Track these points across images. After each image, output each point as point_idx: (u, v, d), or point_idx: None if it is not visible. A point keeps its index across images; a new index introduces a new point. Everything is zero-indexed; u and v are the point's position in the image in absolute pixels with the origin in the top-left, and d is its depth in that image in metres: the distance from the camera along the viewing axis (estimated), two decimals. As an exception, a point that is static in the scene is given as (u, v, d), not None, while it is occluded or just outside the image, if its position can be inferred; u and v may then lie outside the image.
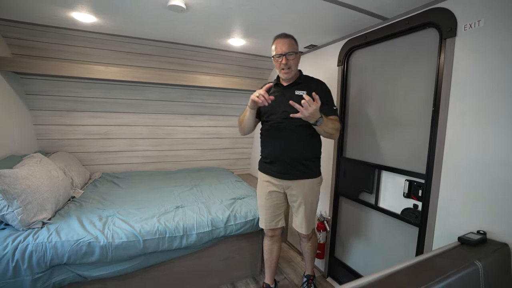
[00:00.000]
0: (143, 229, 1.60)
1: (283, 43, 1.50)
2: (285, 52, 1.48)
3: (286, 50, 1.49)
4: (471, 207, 1.21)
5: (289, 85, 1.60)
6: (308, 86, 1.57)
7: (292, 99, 1.47)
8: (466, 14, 1.22)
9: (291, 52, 1.49)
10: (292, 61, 1.51)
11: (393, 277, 0.84)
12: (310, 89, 1.54)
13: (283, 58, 1.49)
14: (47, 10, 1.67)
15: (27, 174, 1.57)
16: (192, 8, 1.56)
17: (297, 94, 1.55)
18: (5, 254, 1.30)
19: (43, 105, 2.41)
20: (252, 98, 1.45)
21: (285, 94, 1.56)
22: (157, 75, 2.45)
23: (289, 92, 1.57)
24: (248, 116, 1.58)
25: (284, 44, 1.49)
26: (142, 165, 2.96)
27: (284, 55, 1.49)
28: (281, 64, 1.51)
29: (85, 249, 1.44)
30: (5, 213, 1.40)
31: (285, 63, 1.50)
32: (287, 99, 1.51)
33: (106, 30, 2.06)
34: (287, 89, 1.59)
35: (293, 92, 1.56)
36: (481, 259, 0.95)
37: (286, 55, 1.49)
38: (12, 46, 2.08)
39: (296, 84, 1.59)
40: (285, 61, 1.49)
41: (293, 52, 1.50)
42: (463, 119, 1.23)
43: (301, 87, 1.58)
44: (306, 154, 1.59)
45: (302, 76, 1.63)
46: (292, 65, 1.51)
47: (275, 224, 1.74)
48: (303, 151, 1.58)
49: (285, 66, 1.51)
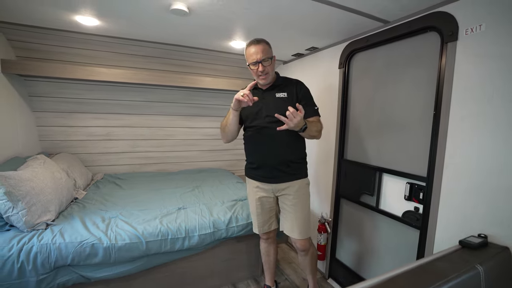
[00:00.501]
0: (146, 231, 1.61)
1: (257, 50, 1.45)
2: (260, 59, 1.44)
3: (262, 56, 1.44)
4: (472, 210, 1.21)
5: (268, 88, 1.57)
6: (288, 88, 1.56)
7: (273, 102, 1.48)
8: (467, 19, 1.22)
9: (266, 58, 1.45)
10: (269, 67, 1.48)
11: (394, 281, 0.85)
12: (290, 90, 1.55)
13: (259, 65, 1.45)
14: (51, 13, 1.69)
15: (31, 176, 1.58)
16: (195, 12, 1.57)
17: (277, 96, 1.54)
18: (11, 255, 1.31)
19: (46, 106, 2.43)
20: (237, 97, 1.39)
21: (266, 98, 1.54)
22: (159, 77, 2.46)
23: (269, 95, 1.55)
24: (232, 120, 1.52)
25: (258, 51, 1.44)
26: (143, 166, 2.98)
27: (260, 62, 1.45)
28: (257, 71, 1.47)
29: (89, 251, 1.46)
30: (10, 214, 1.41)
31: (262, 70, 1.46)
32: (268, 102, 1.52)
33: (108, 33, 2.08)
34: (267, 92, 1.57)
35: (274, 95, 1.55)
36: (482, 263, 0.95)
37: (261, 62, 1.45)
38: (16, 49, 2.10)
39: (275, 86, 1.57)
40: (261, 68, 1.46)
41: (268, 58, 1.46)
42: (464, 123, 1.24)
43: (280, 89, 1.56)
44: (292, 157, 1.58)
45: (280, 78, 1.60)
46: (269, 70, 1.49)
47: (268, 228, 1.73)
48: (289, 154, 1.56)
49: (262, 73, 1.47)
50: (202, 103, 3.06)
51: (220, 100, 3.12)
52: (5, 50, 1.99)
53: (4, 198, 1.39)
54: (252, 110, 1.55)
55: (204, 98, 3.04)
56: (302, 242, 1.62)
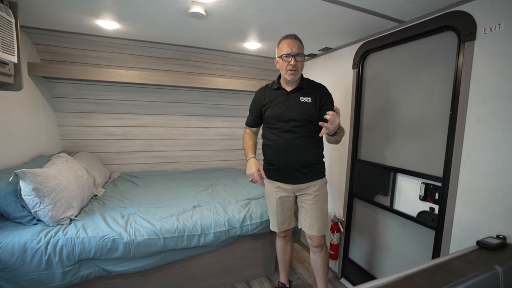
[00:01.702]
0: (163, 227, 1.66)
1: (293, 44, 1.47)
2: (295, 53, 1.46)
3: (296, 51, 1.46)
4: (489, 211, 1.20)
5: (292, 90, 1.58)
6: (313, 92, 1.57)
7: (297, 106, 1.52)
8: (486, 18, 1.21)
9: (300, 53, 1.48)
10: (300, 64, 1.50)
11: (411, 278, 0.86)
12: (315, 95, 1.56)
13: (292, 59, 1.46)
14: (75, 18, 1.77)
15: (56, 173, 1.66)
16: (212, 15, 1.62)
17: (302, 101, 1.55)
18: (39, 247, 1.39)
19: (67, 107, 2.53)
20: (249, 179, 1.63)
21: (289, 100, 1.56)
22: (175, 78, 2.52)
23: (293, 98, 1.56)
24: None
25: (294, 45, 1.47)
26: (158, 165, 3.05)
27: (294, 56, 1.46)
28: (289, 64, 1.47)
29: (110, 245, 1.52)
30: (38, 209, 1.49)
31: (293, 64, 1.47)
32: (292, 106, 1.54)
33: (127, 36, 2.16)
34: (291, 94, 1.58)
35: (298, 98, 1.56)
36: (501, 264, 0.94)
37: (295, 56, 1.46)
38: (41, 52, 2.21)
39: (300, 89, 1.58)
40: (294, 62, 1.46)
41: (302, 54, 1.49)
42: (482, 123, 1.23)
43: (305, 92, 1.57)
44: (312, 159, 1.60)
45: (304, 80, 1.61)
46: (299, 67, 1.50)
47: (287, 226, 1.77)
48: (309, 157, 1.59)
49: (293, 68, 1.48)
50: (216, 104, 3.11)
51: (233, 101, 3.16)
52: (31, 53, 2.10)
53: (32, 194, 1.47)
54: (275, 112, 1.57)
55: (218, 98, 3.09)
56: (319, 238, 1.66)
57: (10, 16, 1.43)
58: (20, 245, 1.38)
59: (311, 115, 1.53)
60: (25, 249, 1.38)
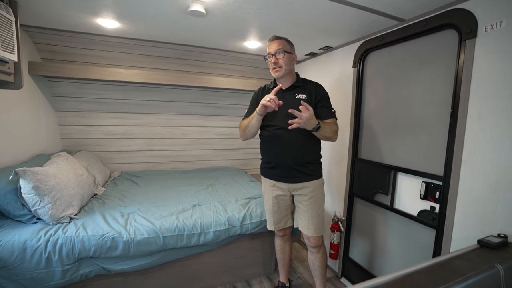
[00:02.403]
0: (163, 226, 1.66)
1: (273, 44, 1.55)
2: (274, 52, 1.53)
3: (276, 48, 1.52)
4: (491, 209, 1.19)
5: (288, 88, 1.61)
6: (307, 89, 1.60)
7: (293, 103, 1.50)
8: (487, 15, 1.20)
9: (280, 51, 1.52)
10: (282, 60, 1.53)
11: (412, 276, 0.85)
12: (310, 92, 1.59)
13: (273, 57, 1.53)
14: (75, 17, 1.77)
15: (56, 171, 1.66)
16: (211, 13, 1.62)
17: (297, 98, 1.57)
18: (39, 246, 1.39)
19: (67, 106, 2.54)
20: (263, 103, 1.45)
21: (285, 97, 1.57)
22: (175, 77, 2.52)
23: (289, 95, 1.59)
24: (255, 123, 1.57)
25: (274, 44, 1.54)
26: (159, 164, 3.05)
27: (274, 55, 1.53)
28: (271, 63, 1.55)
29: (110, 244, 1.52)
30: (38, 208, 1.49)
31: (274, 61, 1.53)
32: (288, 103, 1.54)
33: (127, 35, 2.15)
34: (287, 92, 1.61)
35: (294, 96, 1.59)
36: (502, 262, 0.94)
37: (275, 54, 1.53)
38: (41, 51, 2.21)
39: (296, 87, 1.61)
40: (274, 59, 1.53)
41: (282, 51, 1.52)
42: (483, 122, 1.22)
43: (300, 90, 1.60)
44: (309, 158, 1.60)
45: (300, 79, 1.64)
46: (282, 64, 1.53)
47: (284, 225, 1.77)
48: (306, 155, 1.59)
49: (275, 65, 1.54)
50: (216, 103, 3.10)
51: (234, 100, 3.15)
52: (31, 52, 2.10)
53: (32, 192, 1.47)
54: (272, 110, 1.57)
55: (218, 97, 3.09)
56: (316, 238, 1.65)
57: (10, 14, 1.43)
58: (20, 244, 1.38)
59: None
60: (25, 248, 1.38)
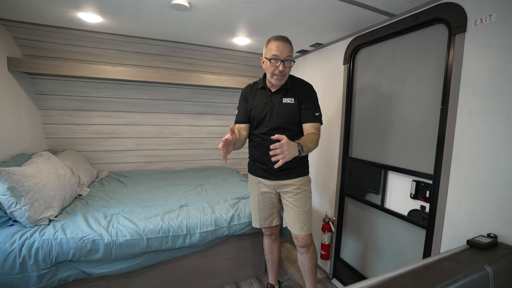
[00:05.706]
0: (147, 228, 1.60)
1: (284, 47, 1.38)
2: (284, 58, 1.39)
3: (286, 55, 1.39)
4: (481, 209, 1.16)
5: (276, 91, 1.53)
6: (296, 93, 1.51)
7: (279, 108, 1.47)
8: (476, 9, 1.17)
9: (290, 58, 1.41)
10: (288, 69, 1.44)
11: (397, 281, 0.81)
12: (298, 95, 1.51)
13: (281, 64, 1.39)
14: (55, 10, 1.70)
15: (34, 172, 1.60)
16: (195, 7, 1.56)
17: (284, 102, 1.50)
18: (13, 250, 1.33)
19: (52, 104, 2.46)
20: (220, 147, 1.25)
21: (273, 101, 1.52)
22: (164, 75, 2.47)
23: (276, 99, 1.52)
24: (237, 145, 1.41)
25: (285, 49, 1.38)
26: (148, 164, 2.99)
27: (283, 61, 1.39)
28: (276, 69, 1.40)
29: (90, 246, 1.46)
30: (13, 209, 1.43)
31: (282, 69, 1.40)
32: (274, 107, 1.50)
33: (112, 30, 2.09)
34: (274, 95, 1.53)
35: (281, 99, 1.51)
36: (491, 264, 0.91)
37: (284, 61, 1.39)
38: (22, 47, 2.13)
39: (284, 90, 1.51)
40: (282, 67, 1.40)
41: (291, 60, 1.43)
42: (473, 118, 1.19)
43: (289, 93, 1.51)
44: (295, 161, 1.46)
45: (290, 80, 1.53)
46: (287, 72, 1.45)
47: (269, 223, 1.72)
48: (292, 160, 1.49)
49: (281, 73, 1.42)
50: (207, 101, 3.05)
51: (225, 98, 3.10)
52: (11, 48, 2.02)
53: (7, 193, 1.40)
54: (258, 115, 1.54)
55: (209, 96, 3.03)
56: (304, 237, 1.58)
57: (-17, 7, 1.37)
58: (-8, 248, 1.31)
59: (292, 118, 1.49)
60: (-2, 252, 1.31)
